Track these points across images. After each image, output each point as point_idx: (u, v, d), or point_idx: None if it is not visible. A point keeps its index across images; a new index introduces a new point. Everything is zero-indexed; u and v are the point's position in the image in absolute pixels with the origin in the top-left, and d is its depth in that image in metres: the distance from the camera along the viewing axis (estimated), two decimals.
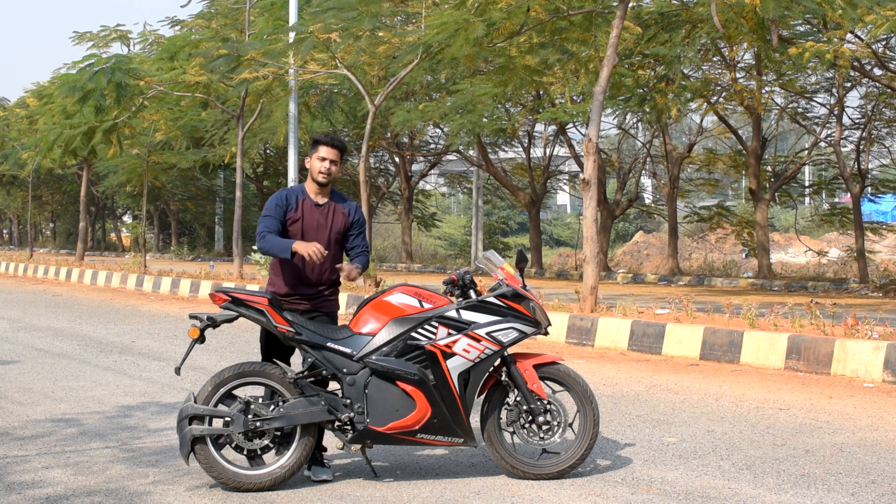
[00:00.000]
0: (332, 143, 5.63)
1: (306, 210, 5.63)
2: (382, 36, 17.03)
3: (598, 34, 14.30)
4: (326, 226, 5.63)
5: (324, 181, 5.63)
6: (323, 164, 5.60)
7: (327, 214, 5.66)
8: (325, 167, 5.60)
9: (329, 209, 5.68)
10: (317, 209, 5.65)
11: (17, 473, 5.64)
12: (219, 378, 5.33)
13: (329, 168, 5.60)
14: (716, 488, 5.39)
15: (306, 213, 5.62)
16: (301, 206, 5.62)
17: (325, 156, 5.60)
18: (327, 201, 5.70)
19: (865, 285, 21.91)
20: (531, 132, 32.20)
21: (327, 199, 5.70)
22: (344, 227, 5.68)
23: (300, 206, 5.62)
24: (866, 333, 9.59)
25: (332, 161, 5.61)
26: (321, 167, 5.60)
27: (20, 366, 9.91)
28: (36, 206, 49.55)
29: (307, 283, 5.61)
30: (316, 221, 5.62)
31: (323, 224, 5.63)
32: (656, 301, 13.14)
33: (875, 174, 29.57)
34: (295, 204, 5.62)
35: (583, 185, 12.78)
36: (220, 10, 25.75)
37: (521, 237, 46.82)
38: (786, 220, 44.52)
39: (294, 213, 5.61)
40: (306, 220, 5.61)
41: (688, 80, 19.99)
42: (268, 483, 5.31)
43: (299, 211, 5.61)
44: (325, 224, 5.64)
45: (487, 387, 5.60)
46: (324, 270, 5.62)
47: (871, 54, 18.76)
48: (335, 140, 5.65)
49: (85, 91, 20.95)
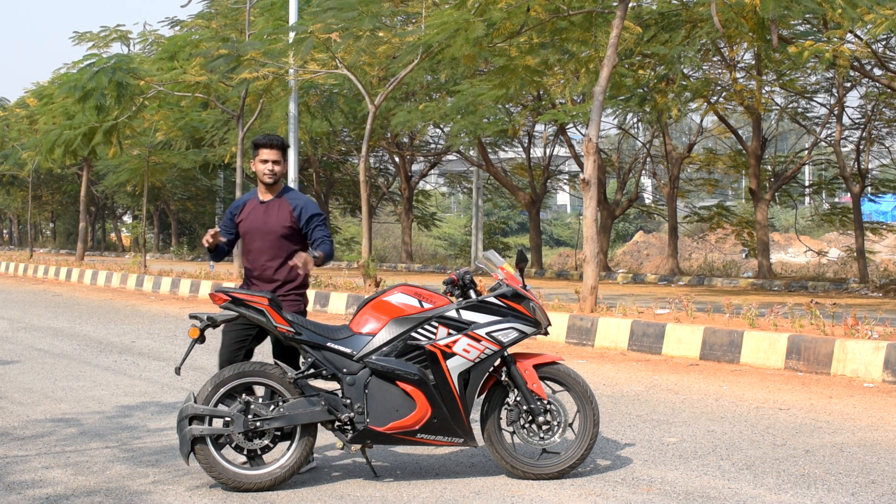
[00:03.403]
0: (271, 144, 5.75)
1: (251, 210, 5.81)
2: (382, 36, 17.03)
3: (598, 34, 14.29)
4: (268, 221, 5.74)
5: (270, 181, 5.76)
6: (266, 166, 5.74)
7: (269, 210, 5.77)
8: (269, 168, 5.74)
9: (273, 205, 5.79)
10: (260, 206, 5.79)
11: (17, 473, 5.64)
12: (219, 378, 5.33)
13: (272, 168, 5.74)
14: (716, 488, 5.39)
15: (250, 213, 5.80)
16: (246, 207, 5.83)
17: (267, 157, 5.73)
18: (272, 198, 5.81)
19: (865, 285, 21.91)
20: (531, 132, 32.19)
21: (273, 196, 5.81)
22: (291, 221, 5.74)
23: (246, 208, 5.83)
24: (866, 333, 9.59)
25: (273, 161, 5.75)
26: (264, 169, 5.75)
27: (20, 366, 9.91)
28: (36, 206, 49.55)
29: (262, 279, 5.76)
30: (258, 219, 5.77)
31: (264, 220, 5.75)
32: (656, 301, 13.14)
33: (875, 174, 29.55)
34: (242, 207, 5.85)
35: (583, 185, 12.79)
36: (220, 10, 25.73)
37: (521, 237, 46.82)
38: (786, 220, 44.53)
39: (240, 215, 5.84)
40: (249, 219, 5.79)
41: (688, 80, 19.97)
42: (268, 483, 5.31)
43: (245, 212, 5.82)
44: (266, 219, 5.75)
45: (487, 387, 5.60)
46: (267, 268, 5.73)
47: (871, 54, 18.75)
48: (273, 140, 5.78)
49: (86, 90, 20.96)
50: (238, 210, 5.86)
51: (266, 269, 5.74)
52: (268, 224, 5.74)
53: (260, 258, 5.74)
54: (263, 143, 5.76)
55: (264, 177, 5.75)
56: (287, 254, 5.72)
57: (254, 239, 5.76)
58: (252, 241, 5.77)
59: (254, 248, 5.78)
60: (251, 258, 5.79)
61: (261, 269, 5.75)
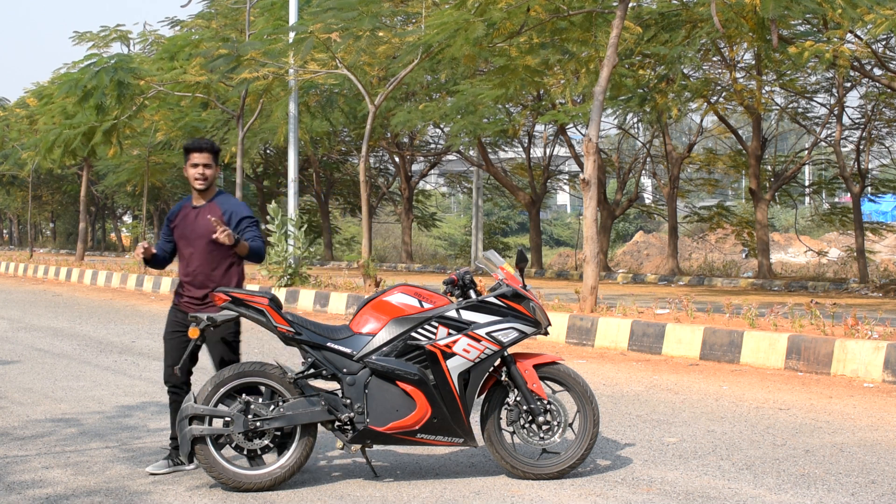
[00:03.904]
0: (201, 148, 5.68)
1: (184, 216, 5.74)
2: (382, 36, 17.03)
3: (598, 34, 14.29)
4: (198, 226, 5.65)
5: (201, 187, 5.68)
6: (196, 171, 5.66)
7: (200, 215, 5.67)
8: (199, 172, 5.66)
9: (204, 210, 5.69)
10: (192, 212, 5.72)
11: (17, 473, 5.64)
12: (219, 378, 5.33)
13: (203, 172, 5.66)
14: (716, 488, 5.39)
15: (184, 220, 5.74)
16: (180, 213, 5.77)
17: (197, 161, 5.65)
18: (204, 203, 5.72)
19: (865, 285, 21.91)
20: (531, 132, 32.19)
21: (205, 201, 5.72)
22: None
23: (180, 215, 5.76)
24: (866, 333, 9.58)
25: (204, 165, 5.66)
26: (195, 173, 5.67)
27: (20, 366, 9.91)
28: (36, 206, 49.55)
29: (194, 285, 5.68)
30: (190, 224, 5.70)
31: (195, 225, 5.66)
32: (656, 301, 13.13)
33: (875, 174, 29.55)
34: (177, 214, 5.78)
35: (583, 185, 12.79)
36: (220, 10, 25.73)
37: (521, 237, 46.81)
38: (786, 220, 44.52)
39: (174, 222, 5.78)
40: (182, 226, 5.73)
41: (688, 80, 19.98)
42: (268, 483, 5.31)
43: (178, 219, 5.76)
44: (196, 226, 5.66)
45: (487, 387, 5.60)
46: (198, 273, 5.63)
47: (871, 54, 18.75)
48: (203, 143, 5.71)
49: (86, 90, 20.97)
50: (174, 216, 5.79)
51: (197, 274, 5.65)
52: (197, 230, 5.65)
53: (192, 263, 5.66)
54: (193, 147, 5.69)
55: (196, 182, 5.67)
56: (218, 260, 5.63)
57: (186, 245, 5.68)
58: (185, 247, 5.69)
59: (185, 254, 5.71)
60: (183, 264, 5.72)
61: (192, 274, 5.66)
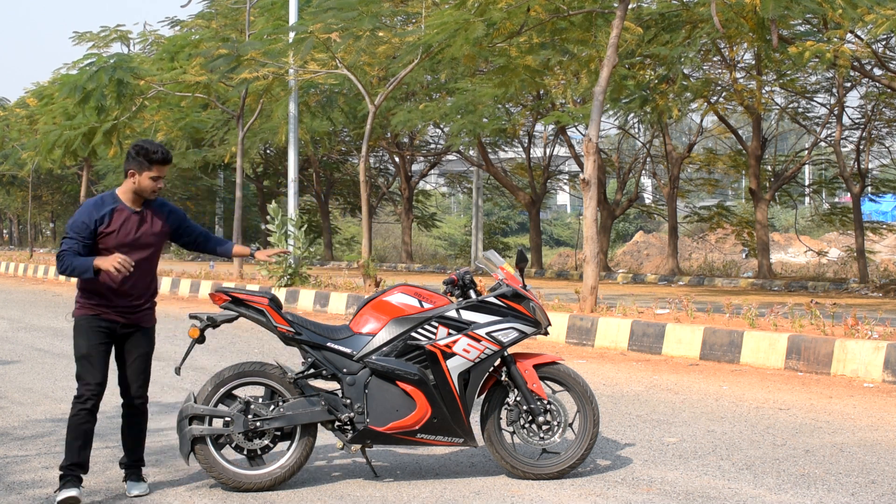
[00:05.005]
0: (165, 161, 5.20)
1: (122, 220, 5.17)
2: (382, 36, 17.04)
3: (599, 34, 14.30)
4: (149, 231, 5.24)
5: (153, 198, 5.29)
6: (156, 184, 5.19)
7: (144, 219, 5.24)
8: (158, 187, 5.21)
9: (147, 214, 5.25)
10: (135, 216, 5.21)
11: (17, 473, 5.64)
12: (219, 378, 5.33)
13: (160, 185, 5.23)
14: (716, 488, 5.39)
15: (122, 223, 5.17)
16: (113, 217, 5.16)
17: (158, 174, 5.18)
18: (143, 208, 5.25)
19: (865, 285, 21.91)
20: (531, 132, 32.20)
21: (142, 205, 5.26)
22: (163, 230, 5.31)
23: (112, 218, 5.15)
24: (866, 333, 9.59)
25: (162, 177, 5.23)
26: (153, 186, 5.18)
27: (20, 366, 9.91)
28: (36, 206, 49.55)
29: (123, 294, 5.19)
30: (134, 229, 5.19)
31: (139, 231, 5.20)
32: (656, 301, 13.13)
33: (875, 174, 29.57)
34: (108, 217, 5.14)
35: (583, 185, 12.79)
36: (220, 10, 25.73)
37: (521, 237, 46.81)
38: (786, 220, 44.52)
39: (106, 226, 5.14)
40: (123, 230, 5.16)
41: (688, 81, 19.98)
42: (268, 483, 5.31)
43: (113, 223, 5.15)
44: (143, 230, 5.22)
45: (487, 387, 5.60)
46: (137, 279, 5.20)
47: (871, 54, 18.76)
48: (169, 156, 5.23)
49: (86, 91, 20.96)
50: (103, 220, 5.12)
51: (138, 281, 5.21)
52: (145, 238, 5.22)
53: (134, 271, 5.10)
54: (160, 159, 5.16)
55: (151, 194, 5.21)
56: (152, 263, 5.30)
57: (128, 252, 5.12)
58: (127, 255, 5.08)
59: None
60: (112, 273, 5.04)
61: (132, 281, 5.18)
